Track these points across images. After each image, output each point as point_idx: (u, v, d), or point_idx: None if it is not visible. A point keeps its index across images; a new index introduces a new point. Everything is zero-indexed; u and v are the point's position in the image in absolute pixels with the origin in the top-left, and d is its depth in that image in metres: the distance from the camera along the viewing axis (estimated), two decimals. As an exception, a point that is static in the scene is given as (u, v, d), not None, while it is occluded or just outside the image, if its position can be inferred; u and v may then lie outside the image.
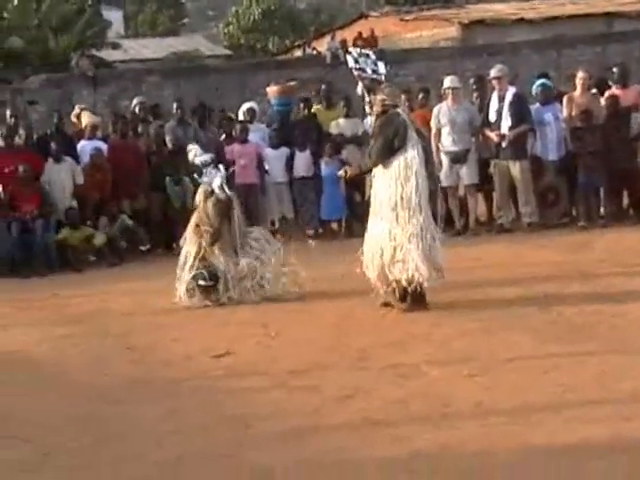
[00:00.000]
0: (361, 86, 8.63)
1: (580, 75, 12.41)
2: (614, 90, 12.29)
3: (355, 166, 10.77)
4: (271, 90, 14.11)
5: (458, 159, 12.21)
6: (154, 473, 5.02)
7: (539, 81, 12.65)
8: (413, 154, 7.99)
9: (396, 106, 8.24)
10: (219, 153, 11.24)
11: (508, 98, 11.93)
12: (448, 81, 12.43)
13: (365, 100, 8.59)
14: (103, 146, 12.80)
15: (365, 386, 6.16)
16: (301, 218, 13.18)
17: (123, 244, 12.37)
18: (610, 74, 12.72)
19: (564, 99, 12.34)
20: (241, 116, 13.74)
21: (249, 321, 8.28)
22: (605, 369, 6.14)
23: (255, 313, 8.57)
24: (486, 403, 5.67)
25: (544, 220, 12.10)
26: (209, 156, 9.63)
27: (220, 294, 9.03)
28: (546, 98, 12.29)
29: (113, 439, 5.55)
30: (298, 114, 13.82)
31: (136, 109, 14.04)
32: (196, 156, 9.65)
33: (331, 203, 12.95)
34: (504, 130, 11.91)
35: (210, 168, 9.40)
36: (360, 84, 8.64)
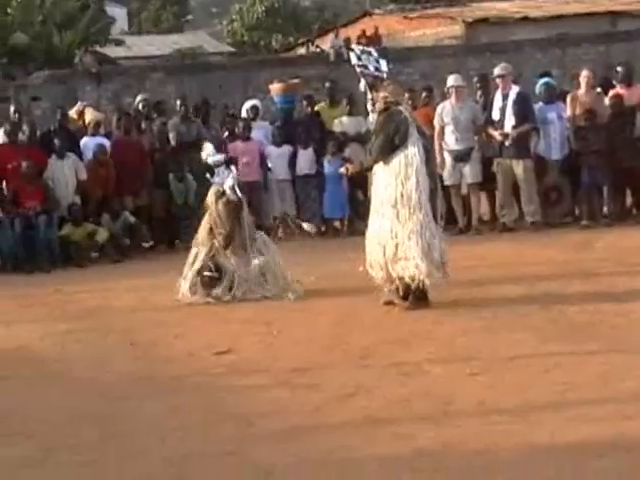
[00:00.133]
0: (363, 83, 8.62)
1: (584, 74, 12.38)
2: (618, 89, 12.26)
3: (357, 163, 10.80)
4: (274, 88, 14.11)
5: (461, 158, 12.19)
6: (158, 470, 5.02)
7: (543, 80, 12.64)
8: (414, 151, 7.97)
9: (398, 103, 8.21)
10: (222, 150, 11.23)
11: (512, 97, 11.92)
12: (452, 79, 12.41)
13: (367, 97, 8.59)
14: (106, 142, 12.80)
15: (367, 384, 6.16)
16: (303, 216, 13.19)
17: (126, 241, 12.38)
18: (614, 73, 12.69)
19: (568, 98, 12.32)
20: (244, 113, 13.74)
21: (251, 319, 8.28)
22: (607, 368, 6.14)
23: (257, 311, 8.57)
24: (488, 402, 5.67)
25: (547, 219, 12.09)
26: (222, 156, 9.61)
27: (223, 290, 9.03)
28: (550, 97, 12.28)
29: (116, 436, 5.56)
30: (301, 112, 13.82)
31: (139, 106, 14.04)
32: (209, 156, 9.62)
33: (334, 201, 12.95)
34: (507, 129, 11.90)
35: (222, 168, 9.38)
36: (362, 81, 8.63)
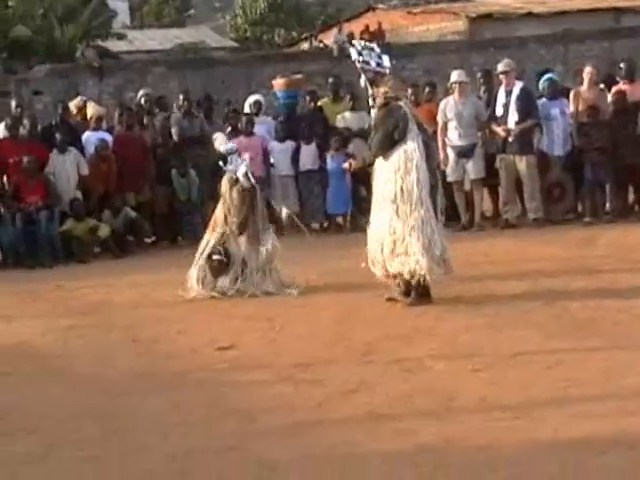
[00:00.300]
0: (364, 79, 8.61)
1: (587, 70, 12.36)
2: (621, 85, 12.24)
3: (360, 159, 10.78)
4: (277, 83, 14.10)
5: (464, 153, 12.18)
6: (160, 466, 5.02)
7: (546, 75, 12.62)
8: (413, 147, 7.95)
9: (398, 98, 8.19)
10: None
11: (515, 93, 11.91)
12: (455, 75, 12.39)
13: (368, 93, 8.57)
14: (108, 137, 12.78)
15: (370, 380, 6.16)
16: (306, 212, 13.17)
17: (129, 237, 12.37)
18: (618, 69, 12.67)
19: (571, 94, 12.31)
20: (247, 109, 13.72)
21: (254, 315, 8.27)
22: (609, 364, 6.13)
23: (260, 307, 8.57)
24: (490, 398, 5.67)
25: (550, 216, 12.07)
26: (234, 144, 9.59)
27: (230, 282, 9.00)
28: (553, 93, 12.27)
29: (119, 431, 5.56)
30: (304, 107, 13.80)
31: (141, 101, 14.02)
32: (221, 144, 9.62)
33: (337, 197, 12.94)
34: (510, 125, 11.88)
35: (235, 156, 9.36)
36: (363, 77, 8.62)
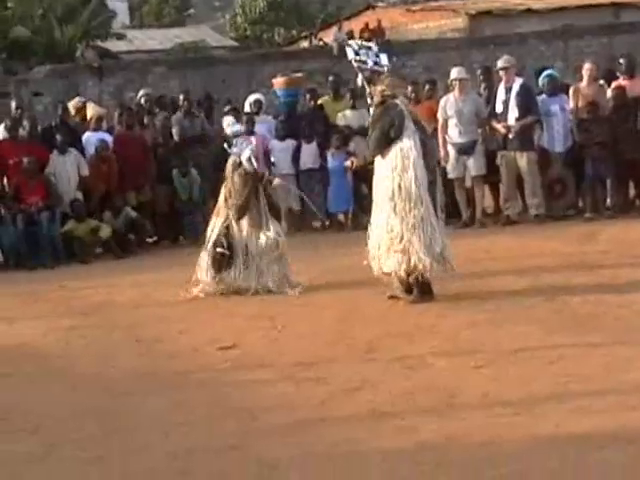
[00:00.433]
0: (361, 78, 8.61)
1: (587, 66, 12.36)
2: (621, 81, 12.23)
3: (361, 157, 10.80)
4: (277, 82, 14.11)
5: (465, 150, 12.17)
6: (162, 465, 5.02)
7: (546, 72, 12.61)
8: (410, 144, 7.93)
9: (395, 96, 8.18)
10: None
11: (515, 89, 11.90)
12: (455, 72, 12.38)
13: (366, 91, 8.57)
14: (108, 138, 12.78)
15: (372, 378, 6.16)
16: (307, 210, 13.17)
17: (130, 236, 12.38)
18: (617, 65, 12.66)
19: (570, 90, 12.30)
20: (247, 108, 13.71)
21: (255, 314, 8.27)
22: (610, 360, 6.13)
23: (261, 306, 8.57)
24: (492, 394, 5.67)
25: (551, 212, 12.07)
26: (241, 127, 9.57)
27: (235, 275, 8.99)
28: (553, 89, 12.26)
29: (120, 431, 5.57)
30: (305, 106, 13.80)
31: (142, 100, 14.02)
32: (229, 126, 9.60)
33: (338, 195, 12.94)
34: (511, 121, 11.88)
35: (241, 139, 9.33)
36: (360, 76, 8.61)
